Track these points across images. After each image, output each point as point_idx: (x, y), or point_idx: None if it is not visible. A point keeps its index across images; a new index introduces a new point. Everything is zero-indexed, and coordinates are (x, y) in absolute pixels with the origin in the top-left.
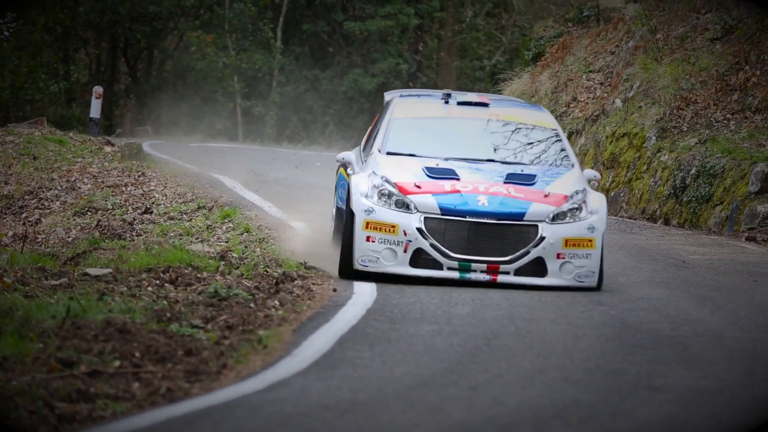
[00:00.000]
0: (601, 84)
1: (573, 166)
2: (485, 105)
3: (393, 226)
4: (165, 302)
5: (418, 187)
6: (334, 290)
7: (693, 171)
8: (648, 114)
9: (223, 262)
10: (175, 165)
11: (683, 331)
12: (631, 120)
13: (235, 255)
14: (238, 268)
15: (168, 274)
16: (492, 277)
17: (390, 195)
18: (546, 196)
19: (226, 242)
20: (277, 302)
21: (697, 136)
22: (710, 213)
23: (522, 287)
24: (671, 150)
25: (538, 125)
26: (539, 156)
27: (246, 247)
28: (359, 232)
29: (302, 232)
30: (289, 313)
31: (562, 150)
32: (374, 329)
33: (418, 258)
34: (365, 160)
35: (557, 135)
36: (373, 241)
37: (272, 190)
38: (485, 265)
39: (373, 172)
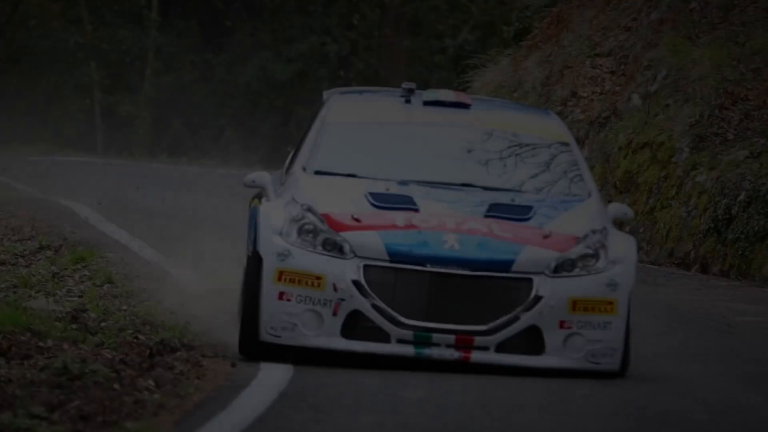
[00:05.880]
0: (612, 73)
1: (590, 194)
2: (465, 106)
3: (318, 278)
4: None
5: (358, 220)
6: (233, 365)
7: (742, 197)
8: (679, 116)
9: (75, 325)
10: (6, 188)
11: (728, 423)
12: (654, 124)
13: (92, 315)
14: (96, 333)
15: None
16: (464, 354)
17: (316, 232)
18: (546, 237)
19: (80, 297)
20: (152, 382)
21: (748, 147)
22: (766, 256)
23: (505, 369)
24: (711, 167)
25: (542, 136)
26: (541, 180)
27: (108, 303)
28: (269, 286)
29: (188, 282)
30: (170, 397)
31: (576, 172)
32: (290, 421)
33: (355, 325)
34: (284, 183)
35: (569, 151)
36: (289, 300)
37: (145, 223)
38: (453, 337)
39: (293, 198)
